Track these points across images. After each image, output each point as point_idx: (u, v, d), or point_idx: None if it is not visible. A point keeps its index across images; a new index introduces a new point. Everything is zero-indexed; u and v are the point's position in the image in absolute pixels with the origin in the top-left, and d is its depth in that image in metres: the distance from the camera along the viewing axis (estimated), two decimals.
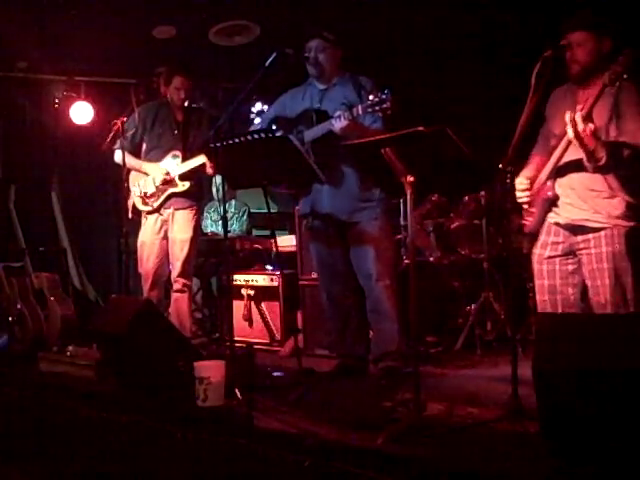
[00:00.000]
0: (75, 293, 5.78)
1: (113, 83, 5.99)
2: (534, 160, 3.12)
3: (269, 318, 4.75)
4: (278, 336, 4.68)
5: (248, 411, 2.86)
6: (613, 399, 2.08)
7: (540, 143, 3.16)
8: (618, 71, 2.66)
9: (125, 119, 4.32)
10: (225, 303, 4.50)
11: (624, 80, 2.68)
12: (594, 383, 2.11)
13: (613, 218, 2.87)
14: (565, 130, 2.79)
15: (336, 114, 3.44)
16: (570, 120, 2.70)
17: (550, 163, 2.96)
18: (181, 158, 4.33)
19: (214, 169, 4.10)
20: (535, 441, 2.33)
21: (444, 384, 3.49)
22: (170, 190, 4.36)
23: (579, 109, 2.73)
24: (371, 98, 3.29)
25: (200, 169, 4.29)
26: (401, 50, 5.25)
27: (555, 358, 2.24)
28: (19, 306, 4.38)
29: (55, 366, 3.87)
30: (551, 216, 3.03)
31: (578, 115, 2.70)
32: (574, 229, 2.96)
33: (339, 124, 3.40)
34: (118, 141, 4.34)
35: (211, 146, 3.31)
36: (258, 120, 6.25)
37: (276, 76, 3.58)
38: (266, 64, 3.42)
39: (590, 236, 2.91)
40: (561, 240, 3.01)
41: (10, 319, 4.40)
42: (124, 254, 4.63)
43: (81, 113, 5.97)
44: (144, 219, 4.47)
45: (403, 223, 4.72)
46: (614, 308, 2.85)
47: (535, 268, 3.10)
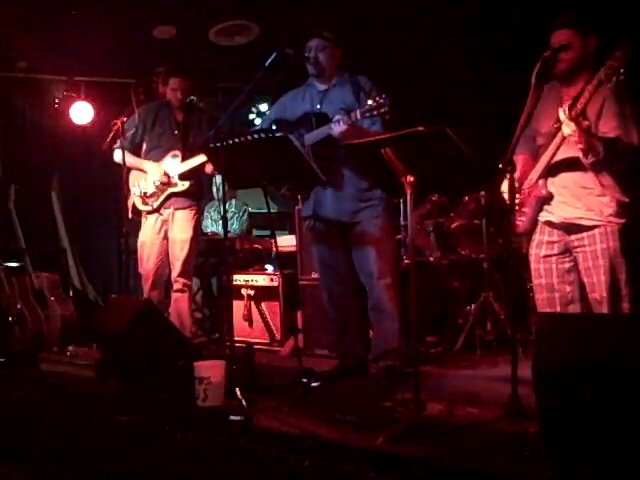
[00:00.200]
0: (75, 293, 5.79)
1: (113, 83, 5.99)
2: (518, 160, 3.09)
3: (269, 318, 4.75)
4: (278, 336, 4.68)
5: (248, 411, 2.86)
6: (613, 399, 2.08)
7: (522, 142, 3.15)
8: (615, 66, 2.65)
9: (125, 119, 4.33)
10: (225, 303, 4.50)
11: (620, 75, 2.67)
12: (594, 383, 2.12)
13: (606, 216, 2.89)
14: (554, 128, 2.79)
15: (335, 118, 3.45)
16: (568, 117, 2.70)
17: (542, 162, 2.96)
18: (181, 158, 4.33)
19: (213, 169, 4.10)
20: (535, 441, 2.33)
21: (444, 384, 3.49)
22: (170, 190, 4.36)
23: (567, 105, 2.73)
24: (369, 103, 3.30)
25: (200, 169, 4.30)
26: (401, 50, 5.25)
27: (555, 358, 2.24)
28: (19, 306, 4.38)
29: (55, 366, 3.87)
30: (543, 215, 3.04)
31: (573, 112, 2.70)
32: (568, 228, 2.97)
33: (338, 129, 3.42)
34: (118, 141, 4.34)
35: (211, 146, 3.31)
36: (259, 121, 6.28)
37: (276, 76, 3.58)
38: (266, 64, 3.42)
39: (584, 234, 2.93)
40: (556, 239, 3.02)
41: (10, 319, 4.40)
42: (124, 254, 4.62)
43: (81, 113, 5.97)
44: (144, 219, 4.47)
45: (403, 223, 4.72)
46: (610, 304, 2.86)
47: (532, 268, 3.11)
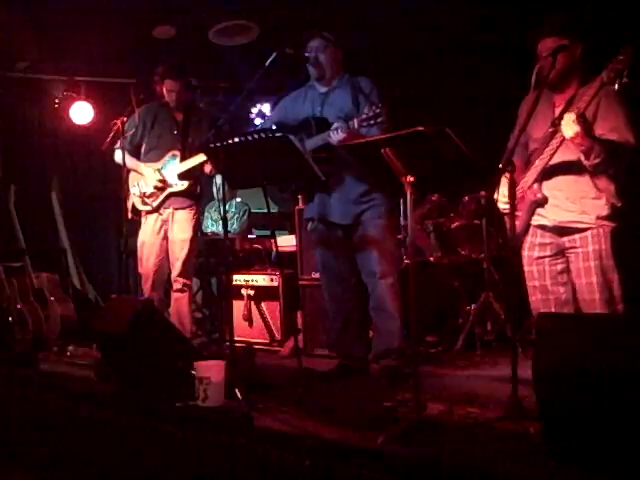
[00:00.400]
0: (75, 293, 5.78)
1: (113, 83, 5.98)
2: None
3: (269, 318, 4.75)
4: (278, 336, 4.68)
5: (248, 411, 2.86)
6: (613, 399, 2.08)
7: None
8: (619, 68, 2.65)
9: (125, 119, 4.32)
10: (225, 303, 4.50)
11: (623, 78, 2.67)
12: (594, 383, 2.12)
13: (599, 219, 2.90)
14: (549, 132, 2.80)
15: (333, 127, 3.48)
16: (575, 120, 2.71)
17: (538, 166, 2.97)
18: (180, 158, 4.33)
19: (213, 169, 4.10)
20: (535, 441, 2.33)
21: (444, 384, 3.48)
22: (169, 190, 4.36)
23: (561, 109, 2.74)
24: (365, 111, 3.34)
25: (199, 168, 4.29)
26: (401, 50, 5.25)
27: (555, 358, 2.24)
28: (19, 306, 4.38)
29: (55, 366, 3.86)
30: (535, 219, 3.05)
31: (573, 115, 2.71)
32: (561, 230, 2.98)
33: (337, 137, 3.45)
34: (118, 141, 4.34)
35: (211, 146, 3.32)
36: (259, 121, 6.29)
37: (276, 76, 3.58)
38: (266, 64, 3.42)
39: (576, 236, 2.94)
40: (548, 241, 3.04)
41: (10, 319, 4.40)
42: (124, 254, 4.62)
43: (81, 113, 5.96)
44: (144, 219, 4.47)
45: (403, 223, 4.72)
46: (602, 305, 2.88)
47: (525, 270, 3.12)
